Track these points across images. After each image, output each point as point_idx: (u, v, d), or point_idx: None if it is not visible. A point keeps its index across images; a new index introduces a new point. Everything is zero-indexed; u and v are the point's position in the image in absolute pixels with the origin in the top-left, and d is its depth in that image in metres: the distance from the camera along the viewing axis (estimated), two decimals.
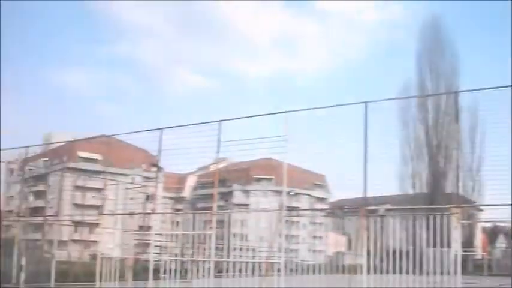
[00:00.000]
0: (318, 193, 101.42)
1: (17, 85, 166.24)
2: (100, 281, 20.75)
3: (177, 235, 20.02)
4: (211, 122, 18.75)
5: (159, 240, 20.89)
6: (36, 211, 56.95)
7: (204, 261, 18.38)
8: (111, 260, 20.88)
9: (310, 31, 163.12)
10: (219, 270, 19.03)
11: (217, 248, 18.79)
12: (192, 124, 19.15)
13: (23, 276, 22.79)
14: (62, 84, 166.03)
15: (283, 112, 17.16)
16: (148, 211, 23.26)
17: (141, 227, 24.19)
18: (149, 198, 30.75)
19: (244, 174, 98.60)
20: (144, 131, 20.86)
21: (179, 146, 19.68)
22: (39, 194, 74.41)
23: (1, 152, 28.32)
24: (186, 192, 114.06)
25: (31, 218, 30.53)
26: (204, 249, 18.49)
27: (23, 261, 23.12)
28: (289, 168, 17.77)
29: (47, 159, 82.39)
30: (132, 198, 28.36)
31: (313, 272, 17.79)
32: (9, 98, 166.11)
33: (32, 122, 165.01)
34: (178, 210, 75.12)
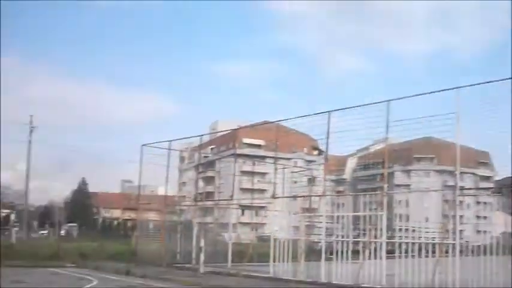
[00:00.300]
0: (482, 171, 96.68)
1: (186, 79, 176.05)
2: (274, 261, 21.61)
3: (346, 217, 20.16)
4: (378, 102, 18.52)
5: (329, 222, 21.25)
6: (206, 196, 60.14)
7: (375, 242, 18.42)
8: (283, 242, 21.63)
9: (468, 2, 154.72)
10: (388, 251, 18.97)
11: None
12: (359, 106, 19.03)
13: (202, 257, 24.13)
14: (225, 75, 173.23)
15: (453, 88, 16.66)
16: (314, 193, 23.65)
17: (305, 210, 24.72)
18: (311, 181, 31.20)
19: (405, 154, 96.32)
20: (310, 115, 21.17)
21: (343, 128, 19.85)
22: (208, 180, 78.40)
23: (174, 141, 30.18)
24: (347, 174, 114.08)
25: (203, 203, 32.31)
26: (376, 230, 18.52)
27: (202, 243, 24.45)
28: (453, 147, 17.34)
29: (214, 146, 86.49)
30: (295, 182, 28.94)
31: (482, 253, 17.20)
32: (179, 92, 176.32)
33: (200, 112, 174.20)
34: (339, 192, 75.38)
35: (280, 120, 24.88)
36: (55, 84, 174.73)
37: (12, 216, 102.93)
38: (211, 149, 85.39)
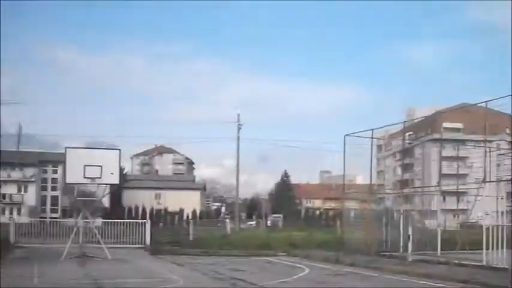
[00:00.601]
0: None
1: (377, 66, 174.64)
2: (487, 249, 20.85)
3: None
4: None
5: None
6: (405, 183, 59.28)
7: None
8: (495, 228, 20.81)
9: None
10: None
11: None
12: None
13: (410, 245, 24.07)
14: (414, 59, 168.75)
15: None
16: None
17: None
18: None
19: None
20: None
21: None
22: (407, 167, 77.16)
23: (374, 131, 30.33)
24: None
25: (409, 190, 32.11)
26: None
27: (410, 231, 24.36)
28: None
29: (412, 133, 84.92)
30: (498, 165, 27.69)
31: None
32: (370, 79, 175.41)
33: (392, 98, 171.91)
34: None
35: (481, 102, 23.93)
36: (255, 83, 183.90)
37: (223, 209, 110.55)
38: (409, 135, 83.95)
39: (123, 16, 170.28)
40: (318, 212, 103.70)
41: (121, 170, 43.10)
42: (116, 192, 74.99)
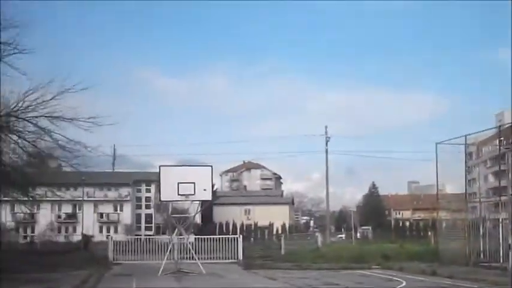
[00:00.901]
0: None
1: (457, 71, 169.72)
2: None
3: None
4: None
5: None
6: (499, 191, 57.02)
7: None
8: None
9: None
10: None
11: None
12: None
13: (511, 255, 23.19)
14: (494, 61, 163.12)
15: None
16: None
17: None
18: None
19: None
20: None
21: None
22: (499, 174, 74.31)
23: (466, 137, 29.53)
24: None
25: (499, 198, 30.96)
26: None
27: (510, 241, 23.49)
28: None
29: (502, 138, 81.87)
30: None
31: None
32: (450, 85, 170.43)
33: (480, 104, 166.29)
34: None
35: None
36: (341, 96, 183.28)
37: (311, 222, 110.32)
38: (500, 140, 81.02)
39: (208, 37, 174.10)
40: (407, 223, 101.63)
41: (212, 186, 43.97)
42: (207, 208, 76.46)
